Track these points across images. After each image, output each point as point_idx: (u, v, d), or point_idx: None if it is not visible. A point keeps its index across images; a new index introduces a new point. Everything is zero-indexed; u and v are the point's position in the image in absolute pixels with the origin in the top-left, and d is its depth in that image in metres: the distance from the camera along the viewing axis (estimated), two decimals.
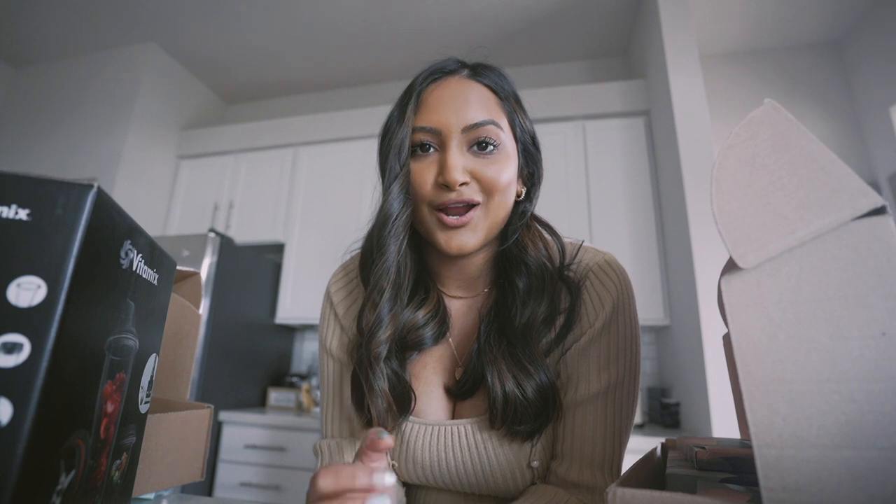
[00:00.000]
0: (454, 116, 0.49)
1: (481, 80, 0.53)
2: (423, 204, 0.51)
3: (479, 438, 0.52)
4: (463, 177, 0.48)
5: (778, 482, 0.20)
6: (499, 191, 0.50)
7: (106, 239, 0.28)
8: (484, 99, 0.52)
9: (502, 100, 0.53)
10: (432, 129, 0.50)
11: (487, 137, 0.50)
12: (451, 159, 0.48)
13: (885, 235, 0.21)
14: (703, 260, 1.63)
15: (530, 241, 0.54)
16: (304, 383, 2.28)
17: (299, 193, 2.45)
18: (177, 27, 2.48)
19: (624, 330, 0.51)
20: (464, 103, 0.50)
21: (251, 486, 1.85)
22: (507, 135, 0.52)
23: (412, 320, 0.55)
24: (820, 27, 2.30)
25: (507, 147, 0.52)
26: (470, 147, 0.50)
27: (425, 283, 0.59)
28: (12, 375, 0.23)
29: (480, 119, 0.50)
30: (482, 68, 0.55)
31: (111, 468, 0.32)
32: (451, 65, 0.54)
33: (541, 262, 0.53)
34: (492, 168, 0.50)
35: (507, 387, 0.49)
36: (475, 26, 2.40)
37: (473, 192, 0.50)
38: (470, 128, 0.49)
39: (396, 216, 0.51)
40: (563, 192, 2.11)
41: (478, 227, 0.50)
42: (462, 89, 0.51)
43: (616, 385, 0.50)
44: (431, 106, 0.51)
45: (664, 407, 1.83)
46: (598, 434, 0.49)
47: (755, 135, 0.25)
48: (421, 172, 0.50)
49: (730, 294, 0.23)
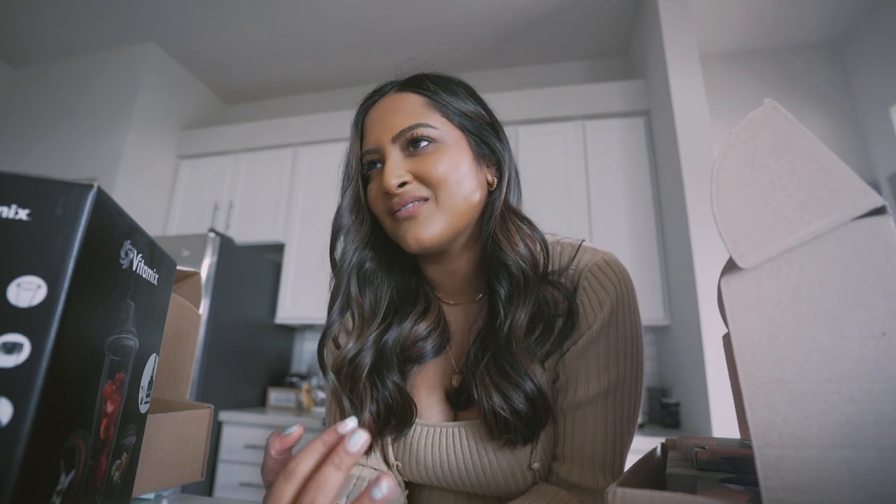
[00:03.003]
0: (383, 132, 0.53)
1: (408, 90, 0.55)
2: (381, 213, 0.54)
3: (479, 442, 0.52)
4: (398, 178, 0.50)
5: (778, 482, 0.20)
6: (443, 183, 0.51)
7: (106, 239, 0.28)
8: (410, 105, 0.54)
9: (432, 99, 0.55)
10: (371, 149, 0.54)
11: (414, 136, 0.52)
12: (386, 168, 0.51)
13: (885, 235, 0.21)
14: (703, 260, 1.63)
15: (506, 237, 0.53)
16: (304, 383, 2.28)
17: (299, 193, 2.45)
18: (177, 27, 2.48)
19: (624, 331, 0.51)
20: (391, 115, 0.54)
21: (251, 486, 1.85)
22: (444, 128, 0.53)
23: (414, 333, 0.56)
24: (820, 27, 2.30)
25: (445, 139, 0.53)
26: (406, 149, 0.52)
27: (424, 292, 0.60)
28: (12, 375, 0.23)
29: (406, 125, 0.52)
30: (412, 79, 0.57)
31: (111, 468, 0.32)
32: (385, 87, 0.58)
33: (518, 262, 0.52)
34: (430, 161, 0.51)
35: (494, 402, 0.49)
36: (475, 26, 2.40)
37: (417, 188, 0.51)
38: (397, 136, 0.52)
39: (348, 227, 0.55)
40: (563, 192, 2.11)
41: (430, 219, 0.51)
42: (389, 105, 0.55)
43: (616, 387, 0.50)
44: (367, 129, 0.55)
45: (664, 407, 1.83)
46: (598, 436, 0.49)
47: (755, 135, 0.25)
48: (372, 189, 0.54)
49: (730, 294, 0.23)
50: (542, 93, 2.27)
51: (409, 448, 0.55)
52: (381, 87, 0.58)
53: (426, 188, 0.51)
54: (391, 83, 0.58)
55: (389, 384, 0.54)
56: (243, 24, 2.44)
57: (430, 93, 0.55)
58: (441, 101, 0.55)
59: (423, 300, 0.59)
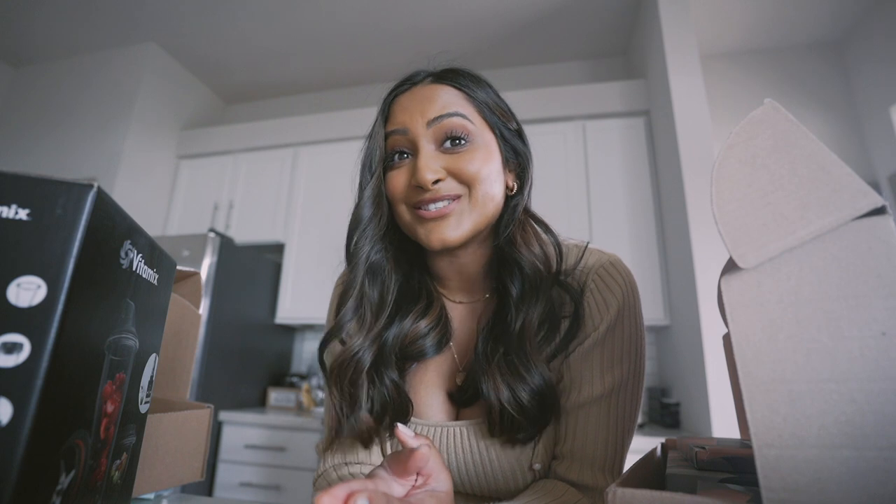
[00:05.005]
0: (419, 115, 0.51)
1: (445, 82, 0.54)
2: (401, 205, 0.52)
3: (480, 441, 0.52)
4: (435, 174, 0.49)
5: (778, 482, 0.20)
6: (478, 181, 0.50)
7: (106, 239, 0.28)
8: (448, 96, 0.52)
9: (469, 97, 0.53)
10: (399, 129, 0.52)
11: (454, 130, 0.50)
12: (421, 160, 0.49)
13: (885, 235, 0.21)
14: (703, 260, 1.63)
15: (522, 238, 0.53)
16: (304, 383, 2.28)
17: (299, 193, 2.45)
18: (177, 27, 2.48)
19: (629, 333, 0.51)
20: (427, 102, 0.52)
21: (251, 486, 1.85)
22: (480, 128, 0.52)
23: (414, 330, 0.55)
24: (820, 27, 2.30)
25: (482, 139, 0.52)
26: (441, 145, 0.51)
27: (427, 288, 0.59)
28: (12, 375, 0.23)
29: (445, 111, 0.50)
30: (447, 72, 0.56)
31: (111, 468, 0.32)
32: (416, 76, 0.56)
33: (533, 262, 0.52)
34: (466, 160, 0.50)
35: (502, 397, 0.48)
36: (475, 26, 2.40)
37: (452, 186, 0.50)
38: (434, 120, 0.50)
39: (367, 223, 0.53)
40: (563, 192, 2.11)
41: (462, 219, 0.50)
42: (424, 93, 0.53)
43: (619, 387, 0.50)
44: (397, 112, 0.53)
45: (664, 407, 1.83)
46: (600, 436, 0.49)
47: (755, 135, 0.25)
48: (395, 178, 0.52)
49: (730, 294, 0.23)
50: (542, 92, 2.27)
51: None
52: (413, 76, 0.56)
53: (460, 186, 0.50)
54: (425, 73, 0.56)
55: (387, 381, 0.53)
56: (243, 24, 2.44)
57: (468, 89, 0.54)
58: (478, 100, 0.54)
59: (425, 297, 0.58)
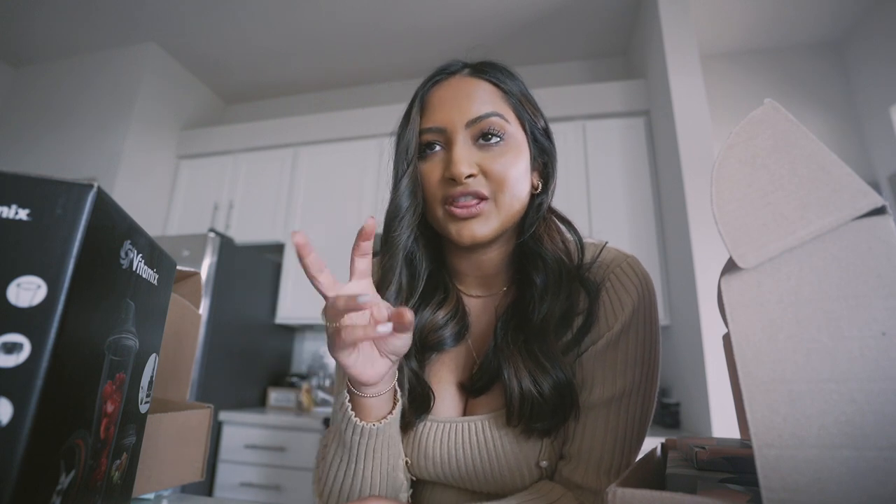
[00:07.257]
0: (457, 113, 0.51)
1: (483, 77, 0.54)
2: (434, 200, 0.52)
3: (492, 435, 0.51)
4: (469, 169, 0.49)
5: (778, 482, 0.20)
6: (507, 184, 0.50)
7: (106, 239, 0.28)
8: (486, 94, 0.52)
9: (506, 93, 0.54)
10: (437, 128, 0.52)
11: (491, 128, 0.50)
12: (456, 153, 0.50)
13: (885, 235, 0.21)
14: (703, 260, 1.63)
15: (547, 235, 0.54)
16: (304, 383, 2.28)
17: (299, 193, 2.45)
18: (177, 27, 2.48)
19: (644, 335, 0.50)
20: (466, 99, 0.51)
21: (251, 486, 1.85)
22: (515, 126, 0.53)
23: (432, 321, 0.55)
24: (820, 27, 2.30)
25: (515, 138, 0.52)
26: (476, 140, 0.51)
27: (444, 282, 0.59)
28: (12, 375, 0.23)
29: (483, 112, 0.50)
30: (484, 65, 0.55)
31: (111, 468, 0.32)
32: (453, 66, 0.56)
33: (558, 256, 0.52)
34: (499, 161, 0.50)
35: (523, 383, 0.48)
36: (475, 26, 2.40)
37: (480, 184, 0.50)
38: (473, 121, 0.50)
39: (404, 213, 0.53)
40: (563, 192, 2.09)
41: (490, 219, 0.51)
42: (464, 87, 0.53)
43: (631, 391, 0.49)
44: (435, 106, 0.53)
45: (664, 407, 1.83)
46: (608, 439, 0.49)
47: (755, 135, 0.25)
48: (429, 170, 0.52)
49: (730, 294, 0.23)
50: (542, 93, 2.24)
51: (419, 444, 0.54)
52: (449, 66, 0.56)
53: (488, 186, 0.50)
54: (461, 64, 0.56)
55: (407, 371, 0.53)
56: (243, 24, 2.44)
57: (505, 86, 0.54)
58: (515, 98, 0.54)
59: (441, 289, 0.59)
